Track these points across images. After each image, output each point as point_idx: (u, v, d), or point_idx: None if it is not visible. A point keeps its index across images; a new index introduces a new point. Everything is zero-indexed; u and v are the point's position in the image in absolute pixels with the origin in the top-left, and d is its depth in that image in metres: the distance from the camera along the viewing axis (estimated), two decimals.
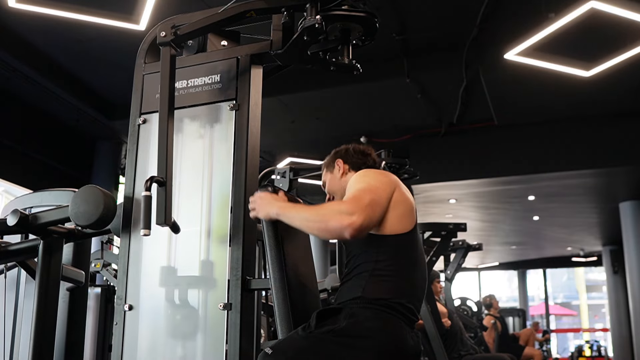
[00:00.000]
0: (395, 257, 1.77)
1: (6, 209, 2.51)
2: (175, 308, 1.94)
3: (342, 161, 2.07)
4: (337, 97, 6.74)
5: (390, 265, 1.75)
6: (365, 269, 1.75)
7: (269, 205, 1.80)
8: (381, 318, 1.67)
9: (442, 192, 8.88)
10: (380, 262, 1.75)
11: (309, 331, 1.66)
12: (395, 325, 1.68)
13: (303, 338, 1.65)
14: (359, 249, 1.80)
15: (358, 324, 1.64)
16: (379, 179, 1.81)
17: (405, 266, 1.78)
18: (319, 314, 1.69)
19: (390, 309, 1.69)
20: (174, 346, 1.92)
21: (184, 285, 1.95)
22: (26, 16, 4.95)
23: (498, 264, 17.70)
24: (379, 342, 1.63)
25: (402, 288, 1.74)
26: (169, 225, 1.84)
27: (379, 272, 1.74)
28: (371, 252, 1.76)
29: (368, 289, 1.71)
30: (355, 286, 1.74)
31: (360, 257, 1.79)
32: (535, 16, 4.90)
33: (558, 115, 7.14)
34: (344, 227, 1.63)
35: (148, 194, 1.82)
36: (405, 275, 1.77)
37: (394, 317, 1.69)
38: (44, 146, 7.09)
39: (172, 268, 1.98)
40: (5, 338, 2.37)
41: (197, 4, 4.58)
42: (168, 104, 1.93)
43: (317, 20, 1.80)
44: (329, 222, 1.66)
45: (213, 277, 1.92)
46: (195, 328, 1.90)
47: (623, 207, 9.67)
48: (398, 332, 1.68)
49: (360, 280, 1.74)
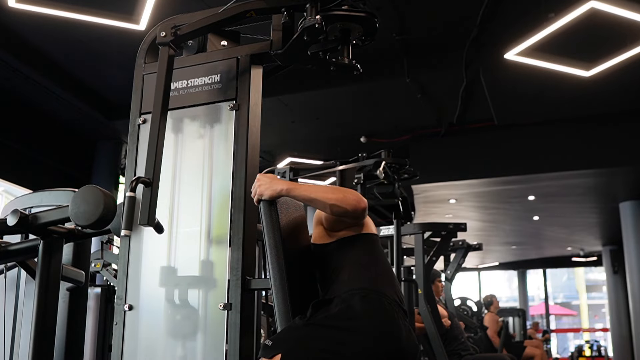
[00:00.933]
0: (371, 251, 1.87)
1: (6, 209, 2.51)
2: (175, 308, 1.94)
3: None
4: (337, 97, 6.74)
5: (368, 258, 1.85)
6: (345, 264, 1.83)
7: (276, 183, 1.83)
8: (374, 302, 1.71)
9: (442, 192, 8.88)
10: (359, 257, 1.84)
11: (305, 320, 1.68)
12: (387, 307, 1.72)
13: (301, 327, 1.67)
14: (335, 259, 1.87)
15: (351, 308, 1.68)
16: None
17: (380, 260, 1.88)
18: (314, 304, 1.73)
19: (380, 294, 1.74)
20: (174, 346, 1.92)
21: (184, 285, 1.95)
22: (26, 16, 4.95)
23: (498, 264, 17.70)
24: (374, 324, 1.66)
25: (384, 277, 1.83)
26: (152, 226, 1.83)
27: (360, 263, 1.83)
28: (349, 252, 1.85)
29: (355, 280, 1.77)
30: (341, 281, 1.79)
31: (339, 261, 1.86)
32: (535, 16, 4.90)
33: (558, 115, 7.14)
34: (360, 200, 1.79)
35: (132, 194, 1.83)
36: (382, 267, 1.86)
37: (385, 298, 1.74)
38: (44, 146, 7.09)
39: (172, 268, 1.99)
40: (5, 338, 2.37)
41: (197, 4, 4.58)
42: (162, 104, 1.92)
43: (317, 20, 1.80)
44: (347, 194, 1.79)
45: (213, 277, 1.92)
46: (195, 328, 1.90)
47: (623, 207, 9.67)
48: (390, 312, 1.71)
49: (344, 276, 1.80)
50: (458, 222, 5.18)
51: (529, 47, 5.13)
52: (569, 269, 24.35)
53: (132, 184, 1.82)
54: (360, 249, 1.86)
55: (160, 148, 1.89)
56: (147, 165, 1.87)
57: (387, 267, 1.90)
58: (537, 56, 5.31)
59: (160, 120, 1.91)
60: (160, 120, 1.91)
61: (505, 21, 5.29)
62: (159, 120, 1.91)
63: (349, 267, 1.81)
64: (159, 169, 1.87)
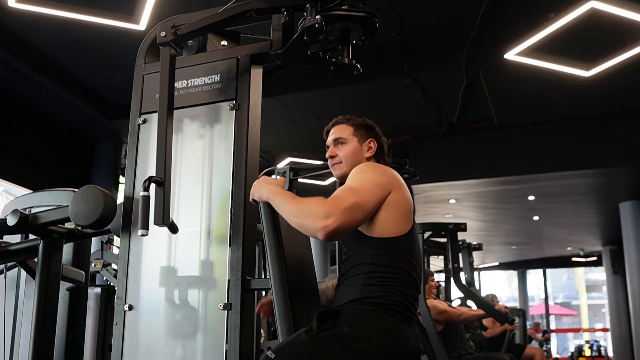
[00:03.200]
0: (391, 259, 1.75)
1: (6, 209, 2.51)
2: (175, 308, 1.94)
3: (375, 143, 1.99)
4: (337, 97, 6.74)
5: (386, 267, 1.74)
6: (361, 271, 1.75)
7: (263, 187, 1.81)
8: (381, 320, 1.67)
9: (442, 192, 8.88)
10: (376, 265, 1.74)
11: (312, 334, 1.65)
12: (395, 326, 1.68)
13: (306, 342, 1.64)
14: (354, 249, 1.80)
15: (358, 327, 1.64)
16: (375, 180, 1.78)
17: (401, 268, 1.76)
18: (319, 316, 1.69)
19: (389, 310, 1.69)
20: (174, 346, 1.92)
21: (184, 285, 1.95)
22: (26, 16, 4.95)
23: (498, 264, 17.70)
24: (381, 344, 1.63)
25: (399, 288, 1.74)
26: (167, 226, 1.84)
27: (375, 274, 1.73)
28: (367, 254, 1.76)
29: (365, 290, 1.71)
30: (352, 288, 1.74)
31: (356, 258, 1.78)
32: (535, 16, 4.90)
33: (558, 115, 7.14)
34: (317, 230, 1.63)
35: (146, 194, 1.82)
36: (401, 276, 1.76)
37: (393, 316, 1.69)
38: (44, 146, 7.09)
39: (172, 268, 1.98)
40: (5, 338, 2.37)
41: (197, 4, 4.58)
42: (167, 103, 1.93)
43: (317, 20, 1.80)
44: (304, 220, 1.67)
45: (213, 277, 1.92)
46: (195, 328, 1.90)
47: (623, 207, 9.67)
48: (399, 333, 1.68)
49: (356, 282, 1.74)
50: (458, 222, 5.18)
51: (529, 47, 5.13)
52: (569, 269, 24.36)
53: (146, 184, 1.82)
54: (380, 256, 1.74)
55: (169, 147, 1.90)
56: (158, 165, 1.88)
57: (407, 273, 1.77)
58: (537, 56, 5.31)
59: (167, 119, 1.92)
60: (167, 120, 1.91)
61: (505, 21, 5.29)
62: (165, 120, 1.91)
63: (365, 274, 1.73)
64: (169, 168, 1.89)
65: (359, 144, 1.97)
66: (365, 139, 1.97)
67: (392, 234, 1.77)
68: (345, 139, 1.96)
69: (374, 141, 1.98)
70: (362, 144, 1.97)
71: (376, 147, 1.98)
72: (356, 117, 2.04)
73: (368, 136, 1.98)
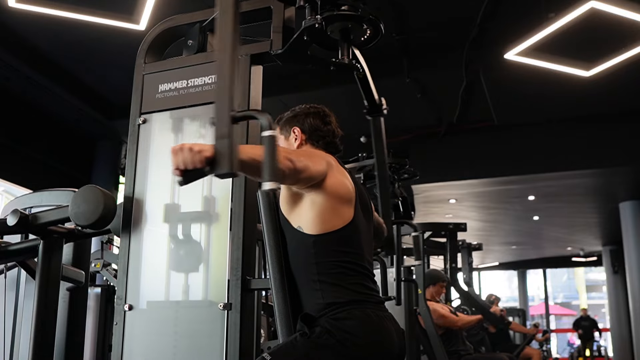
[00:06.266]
0: (335, 254, 1.73)
1: (6, 209, 2.51)
2: (175, 308, 1.94)
3: (300, 130, 1.95)
4: (337, 97, 6.73)
5: (333, 264, 1.72)
6: (312, 271, 1.73)
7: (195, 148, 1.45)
8: (357, 316, 1.67)
9: (442, 192, 8.88)
10: (321, 265, 1.72)
11: (307, 338, 1.65)
12: (371, 315, 1.70)
13: (301, 346, 1.64)
14: (294, 248, 1.78)
15: (339, 327, 1.64)
16: (319, 158, 1.75)
17: (347, 260, 1.74)
18: (303, 317, 1.67)
19: (358, 303, 1.70)
20: (174, 346, 1.92)
21: (184, 285, 1.95)
22: (26, 16, 4.95)
23: (498, 264, 17.70)
24: (364, 338, 1.66)
25: (356, 281, 1.74)
26: (235, 175, 1.45)
27: (327, 273, 1.72)
28: (308, 253, 1.73)
29: (327, 295, 1.70)
30: (312, 295, 1.72)
31: (299, 258, 1.76)
32: (535, 16, 4.90)
33: (558, 115, 7.14)
34: None
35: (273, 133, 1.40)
36: (349, 268, 1.74)
37: (366, 307, 1.71)
38: (44, 146, 7.08)
39: (172, 268, 1.98)
40: (5, 338, 2.37)
41: (197, 4, 4.58)
42: None
43: (317, 20, 1.79)
44: None
45: (213, 277, 1.92)
46: (195, 328, 1.90)
47: (623, 207, 9.68)
48: (377, 321, 1.70)
49: (314, 286, 1.72)
50: (458, 222, 5.19)
51: (529, 47, 5.13)
52: (569, 269, 24.37)
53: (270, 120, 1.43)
54: (324, 255, 1.72)
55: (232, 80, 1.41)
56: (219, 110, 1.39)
57: (358, 258, 1.76)
58: (537, 56, 5.31)
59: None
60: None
61: (505, 21, 5.29)
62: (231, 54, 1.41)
63: (316, 275, 1.72)
64: None
65: (286, 140, 1.98)
66: (289, 132, 1.97)
67: (331, 228, 1.73)
68: None
69: (297, 128, 1.95)
70: (289, 138, 1.97)
71: (301, 131, 1.94)
72: (294, 109, 2.02)
73: (291, 127, 1.97)
